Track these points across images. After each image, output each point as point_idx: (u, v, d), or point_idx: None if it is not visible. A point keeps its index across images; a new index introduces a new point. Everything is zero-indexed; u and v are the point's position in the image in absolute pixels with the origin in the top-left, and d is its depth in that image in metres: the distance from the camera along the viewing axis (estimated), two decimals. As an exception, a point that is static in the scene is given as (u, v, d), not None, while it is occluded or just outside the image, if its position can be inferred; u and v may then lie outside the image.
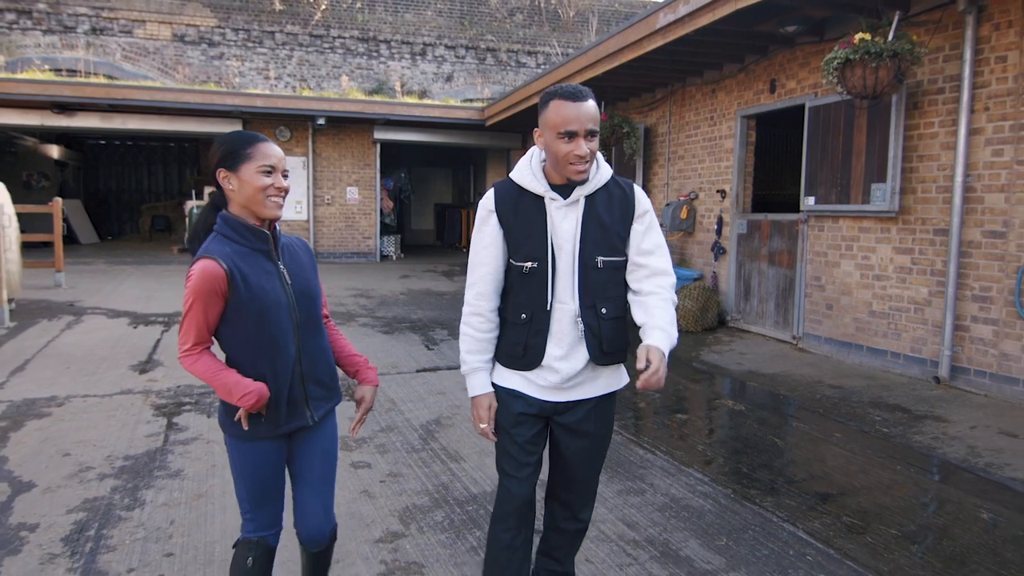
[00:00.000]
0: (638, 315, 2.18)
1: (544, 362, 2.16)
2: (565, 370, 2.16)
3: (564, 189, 2.15)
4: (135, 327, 7.96)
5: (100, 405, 5.11)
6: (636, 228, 2.21)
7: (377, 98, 15.14)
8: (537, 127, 2.14)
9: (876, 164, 6.17)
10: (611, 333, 2.18)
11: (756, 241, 8.09)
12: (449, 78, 18.40)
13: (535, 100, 11.69)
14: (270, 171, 2.02)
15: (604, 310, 2.16)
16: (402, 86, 17.39)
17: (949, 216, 5.65)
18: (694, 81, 9.25)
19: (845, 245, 6.75)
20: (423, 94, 17.76)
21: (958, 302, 5.63)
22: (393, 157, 16.44)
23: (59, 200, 10.62)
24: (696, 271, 8.97)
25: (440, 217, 21.88)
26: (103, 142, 23.04)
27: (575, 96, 2.05)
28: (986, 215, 5.44)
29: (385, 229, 16.62)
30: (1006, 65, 5.29)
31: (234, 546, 2.17)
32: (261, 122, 14.49)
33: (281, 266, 2.08)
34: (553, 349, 2.15)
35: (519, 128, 15.66)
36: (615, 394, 2.31)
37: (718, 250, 8.70)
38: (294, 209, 15.19)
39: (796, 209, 7.58)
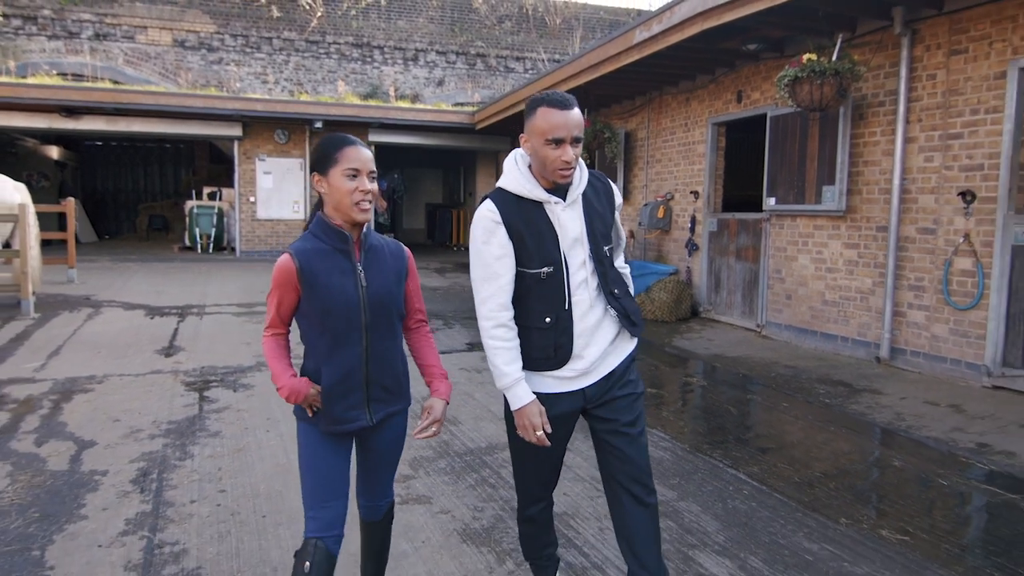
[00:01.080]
0: None
1: (573, 353, 2.26)
2: (590, 355, 2.27)
3: (559, 191, 2.24)
4: (151, 318, 8.58)
5: (136, 382, 5.74)
6: (616, 216, 2.43)
7: (372, 102, 15.78)
8: (523, 132, 2.25)
9: (827, 168, 6.90)
10: (630, 305, 2.36)
11: (725, 238, 8.81)
12: (440, 83, 19.07)
13: (523, 106, 12.37)
14: (355, 174, 2.07)
15: (616, 290, 2.32)
16: (395, 90, 18.04)
17: (889, 215, 6.38)
18: (670, 90, 9.97)
19: (802, 241, 7.48)
20: (415, 98, 18.42)
21: (896, 291, 6.37)
22: (387, 159, 17.08)
23: (72, 200, 11.21)
24: (672, 266, 9.69)
25: (431, 217, 22.54)
26: (100, 143, 23.51)
27: (562, 104, 2.14)
28: (919, 214, 6.18)
29: (379, 228, 17.26)
30: (935, 82, 6.02)
31: (295, 555, 2.15)
32: (260, 125, 15.10)
33: (359, 267, 2.13)
34: (577, 340, 2.25)
35: (508, 132, 16.33)
36: (634, 362, 2.42)
37: (691, 247, 9.42)
38: (292, 208, 15.80)
39: (761, 209, 8.31)
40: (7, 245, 9.11)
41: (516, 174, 2.23)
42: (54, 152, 20.13)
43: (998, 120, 5.53)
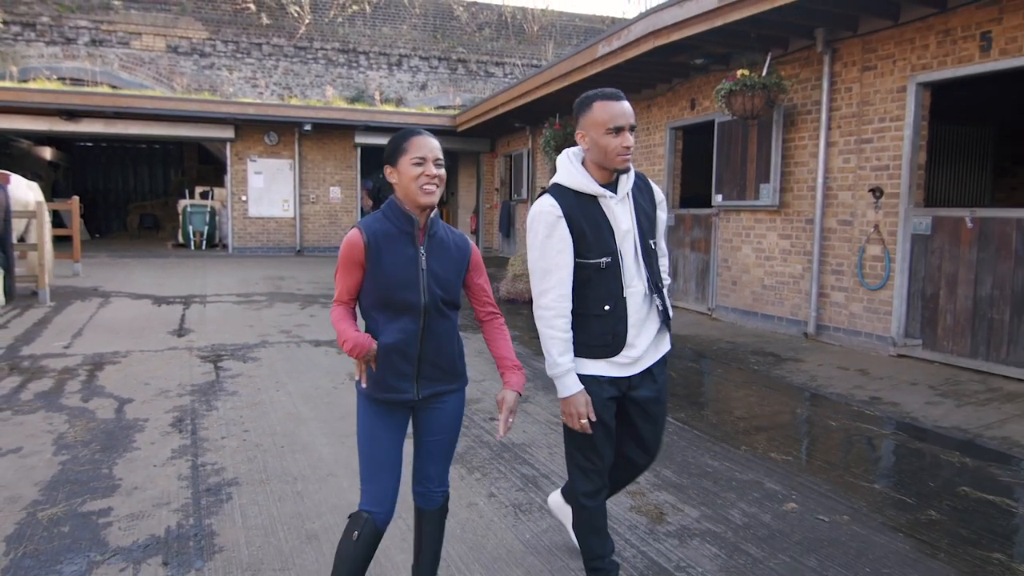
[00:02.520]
0: None
1: (627, 342, 2.38)
2: (641, 345, 2.40)
3: (611, 187, 2.37)
4: (158, 306, 9.36)
5: (156, 356, 6.55)
6: (659, 214, 2.55)
7: (358, 106, 16.61)
8: (579, 129, 2.36)
9: (764, 169, 7.84)
10: (668, 302, 2.51)
11: (681, 231, 9.74)
12: (424, 87, 19.91)
13: (501, 110, 13.28)
14: (421, 162, 2.15)
15: (659, 284, 2.47)
16: (380, 94, 18.86)
17: (815, 209, 7.32)
18: (633, 98, 10.88)
19: (745, 233, 8.41)
20: (399, 101, 19.25)
21: (821, 275, 7.31)
22: (372, 159, 17.88)
23: (76, 198, 11.94)
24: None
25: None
26: (91, 144, 24.10)
27: (617, 96, 2.30)
28: (839, 208, 7.12)
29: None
30: (851, 94, 6.97)
31: (349, 517, 2.27)
32: (252, 128, 15.86)
33: (422, 251, 2.21)
34: (632, 330, 2.38)
35: (487, 134, 17.21)
36: (666, 361, 2.58)
37: (653, 240, 10.34)
38: (281, 207, 16.58)
39: (711, 205, 9.23)
40: (21, 240, 9.84)
41: (572, 170, 2.36)
42: (47, 153, 20.75)
43: (900, 127, 6.48)
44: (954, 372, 5.99)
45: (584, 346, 2.36)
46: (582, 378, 2.37)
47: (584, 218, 2.31)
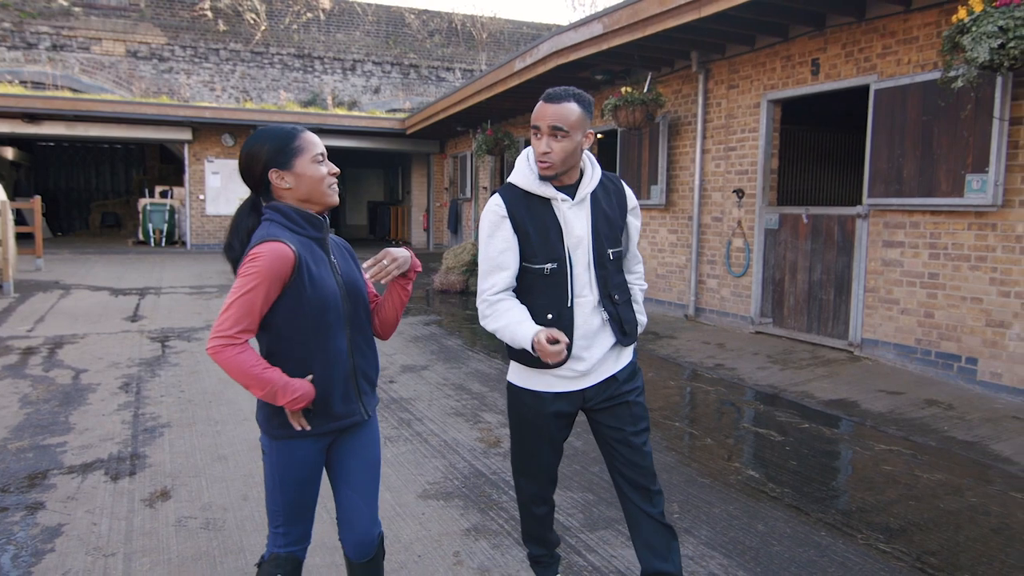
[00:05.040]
0: None
1: (572, 354, 2.23)
2: (590, 357, 2.26)
3: (568, 189, 2.23)
4: (116, 297, 10.19)
5: (111, 337, 7.44)
6: (631, 220, 2.38)
7: (311, 109, 17.47)
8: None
9: (654, 172, 8.93)
10: (627, 315, 2.33)
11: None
12: (377, 90, 20.82)
13: (443, 115, 14.26)
14: (322, 159, 1.98)
15: (616, 296, 2.30)
16: (333, 98, 19.73)
17: (694, 207, 8.42)
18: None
19: (643, 228, 9.51)
20: (353, 105, 20.13)
21: (699, 265, 8.42)
22: (330, 160, 18.69)
23: (38, 197, 12.67)
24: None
25: (372, 213, 24.26)
26: (53, 144, 24.57)
27: (549, 97, 2.16)
28: (712, 206, 8.23)
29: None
30: (721, 108, 8.07)
31: (258, 564, 2.08)
32: (209, 130, 16.65)
33: (333, 257, 2.03)
34: (579, 340, 2.23)
35: (436, 136, 18.17)
36: (636, 369, 2.40)
37: (573, 235, 11.40)
38: (238, 205, 17.36)
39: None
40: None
41: (525, 170, 2.23)
42: (9, 153, 21.23)
43: (756, 138, 7.59)
44: (793, 344, 7.12)
45: (526, 354, 2.22)
46: (524, 392, 2.32)
47: (531, 220, 2.21)
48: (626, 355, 2.37)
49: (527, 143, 13.07)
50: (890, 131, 6.03)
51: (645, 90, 8.02)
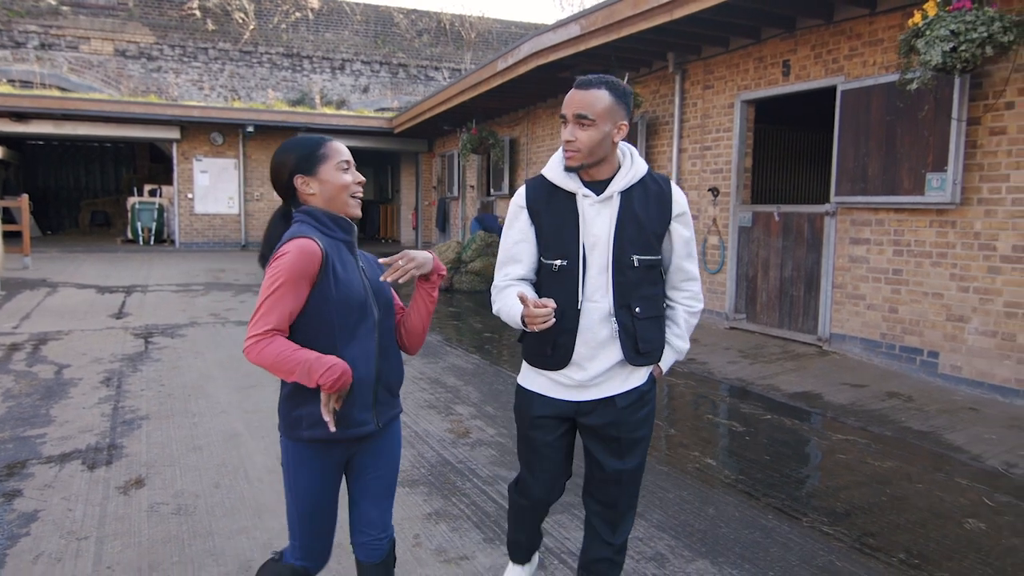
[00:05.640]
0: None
1: (572, 360, 2.12)
2: (592, 368, 2.12)
3: (598, 186, 2.11)
4: (102, 295, 10.28)
5: (95, 334, 7.54)
6: (676, 228, 2.19)
7: (299, 108, 17.57)
8: None
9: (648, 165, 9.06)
10: (646, 333, 2.13)
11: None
12: (366, 89, 20.91)
13: (429, 114, 14.38)
14: (347, 167, 1.98)
15: (638, 309, 2.11)
16: (322, 98, 19.81)
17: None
18: (541, 105, 12.08)
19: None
20: (342, 104, 20.22)
21: (676, 262, 8.56)
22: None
23: (26, 196, 12.74)
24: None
25: (363, 212, 24.27)
26: (42, 143, 24.58)
27: (578, 83, 2.08)
28: (689, 205, 8.36)
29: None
30: (696, 108, 8.22)
31: (273, 558, 2.08)
32: (197, 129, 16.72)
33: (360, 260, 2.02)
34: (581, 348, 2.11)
35: (424, 135, 18.29)
36: (645, 398, 2.19)
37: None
38: (227, 204, 17.46)
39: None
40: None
41: (555, 161, 2.16)
42: (-2, 152, 21.26)
43: (730, 137, 7.74)
44: (765, 339, 7.27)
45: (528, 352, 2.21)
46: (524, 390, 2.26)
47: (549, 213, 2.13)
48: (637, 377, 2.16)
49: (512, 143, 13.22)
50: (856, 131, 6.19)
51: (622, 90, 8.14)
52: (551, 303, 1.95)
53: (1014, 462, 4.10)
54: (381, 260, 2.06)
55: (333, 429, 1.85)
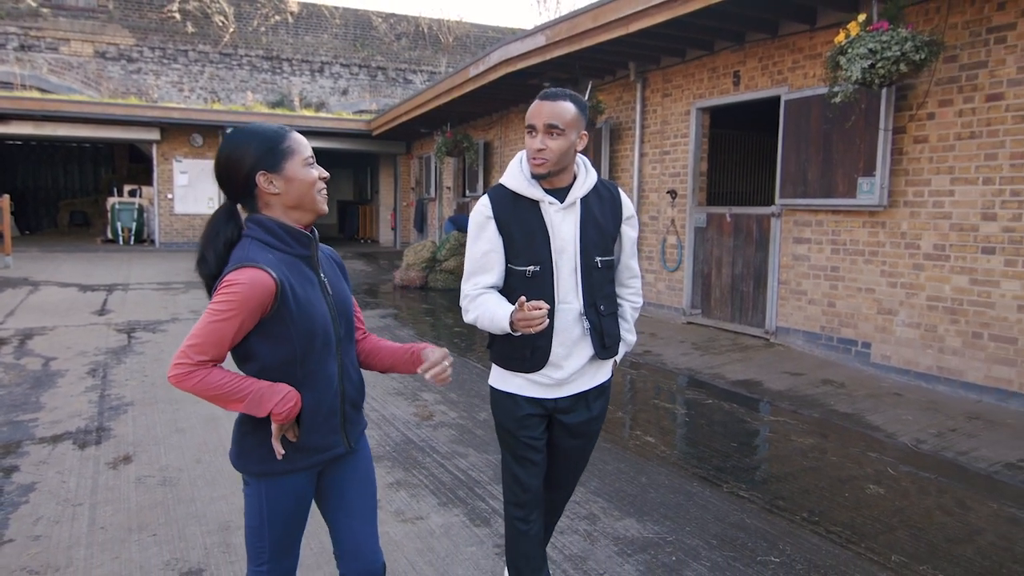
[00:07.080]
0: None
1: (549, 361, 2.21)
2: (568, 367, 2.23)
3: (559, 193, 2.21)
4: (84, 292, 10.54)
5: (79, 329, 7.83)
6: (625, 230, 2.34)
7: (278, 111, 17.85)
8: None
9: (597, 173, 9.49)
10: (611, 328, 2.29)
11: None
12: (345, 92, 21.22)
13: (406, 117, 14.73)
14: (312, 162, 1.83)
15: (602, 307, 2.25)
16: (301, 100, 20.10)
17: (633, 207, 9.00)
18: (513, 109, 12.49)
19: (589, 227, 10.08)
20: (321, 106, 20.51)
21: (639, 260, 8.99)
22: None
23: (7, 196, 12.93)
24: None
25: (342, 212, 24.64)
26: (20, 143, 24.60)
27: (544, 95, 2.16)
28: (650, 206, 8.83)
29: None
30: (656, 115, 8.67)
31: None
32: (177, 130, 16.96)
33: (322, 275, 1.87)
34: (558, 348, 2.21)
35: (403, 137, 18.63)
36: (607, 390, 2.39)
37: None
38: (207, 204, 17.69)
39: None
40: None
41: (515, 171, 2.23)
42: (-24, 152, 21.29)
43: (686, 142, 8.20)
44: (717, 333, 7.73)
45: (502, 357, 2.27)
46: (502, 395, 2.31)
47: (516, 222, 2.20)
48: (604, 372, 2.35)
49: (486, 145, 13.61)
50: (797, 138, 6.66)
51: (585, 98, 8.57)
52: (545, 305, 2.00)
53: (923, 439, 4.56)
54: (420, 370, 1.95)
55: (280, 458, 1.77)
